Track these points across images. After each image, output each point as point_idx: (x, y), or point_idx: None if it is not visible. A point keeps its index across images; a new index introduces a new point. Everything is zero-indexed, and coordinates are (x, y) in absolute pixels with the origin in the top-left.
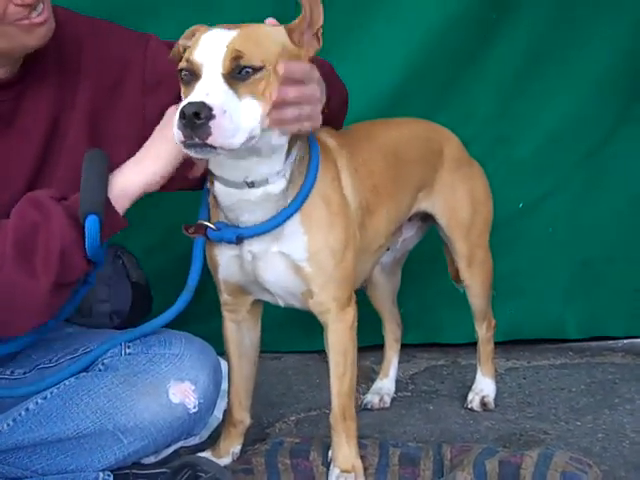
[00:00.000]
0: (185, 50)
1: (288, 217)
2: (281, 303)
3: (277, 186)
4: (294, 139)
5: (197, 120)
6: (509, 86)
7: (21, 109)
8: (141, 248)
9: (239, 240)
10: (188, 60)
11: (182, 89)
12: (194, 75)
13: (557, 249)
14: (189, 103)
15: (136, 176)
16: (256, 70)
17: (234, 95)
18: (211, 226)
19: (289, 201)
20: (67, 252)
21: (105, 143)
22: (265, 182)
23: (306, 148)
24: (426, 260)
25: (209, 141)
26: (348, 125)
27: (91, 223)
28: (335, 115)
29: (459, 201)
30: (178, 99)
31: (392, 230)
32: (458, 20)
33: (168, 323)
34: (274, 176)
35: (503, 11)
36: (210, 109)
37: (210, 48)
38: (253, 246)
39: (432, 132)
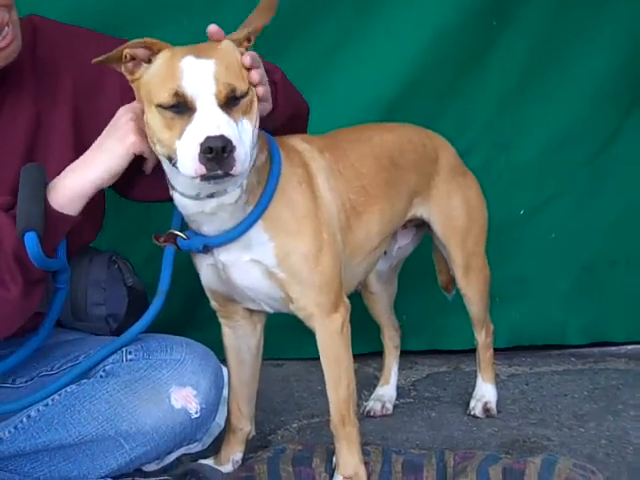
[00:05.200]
0: (128, 57)
1: (250, 225)
2: (267, 309)
3: (231, 196)
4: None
5: (224, 154)
6: (510, 92)
7: (2, 112)
8: (141, 257)
9: (206, 249)
10: (177, 93)
11: (162, 118)
12: (184, 107)
13: (559, 255)
14: (211, 137)
15: (87, 175)
16: (244, 96)
17: (234, 122)
18: (181, 235)
19: (249, 209)
20: (21, 255)
21: (87, 142)
22: (222, 192)
23: (267, 156)
24: (427, 267)
25: (232, 172)
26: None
27: (29, 240)
28: (289, 119)
29: (455, 209)
30: None
31: (387, 232)
32: (458, 27)
33: (148, 328)
34: (230, 186)
35: (503, 18)
36: (230, 141)
37: (198, 80)
38: (222, 255)
39: (427, 139)
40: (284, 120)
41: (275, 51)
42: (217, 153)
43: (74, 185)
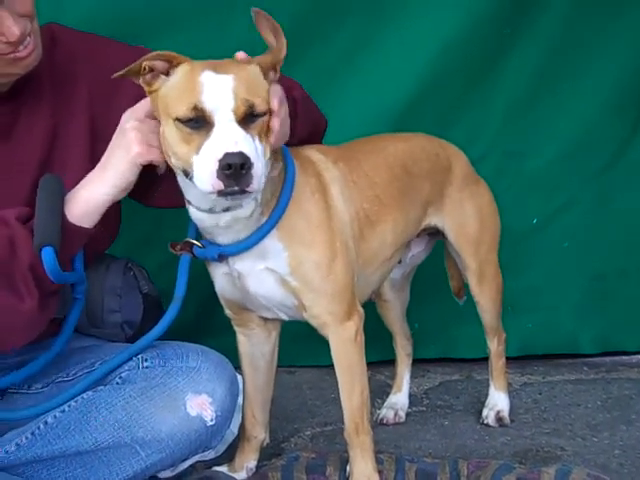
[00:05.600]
0: (147, 69)
1: (264, 235)
2: (283, 316)
3: (246, 210)
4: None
5: (242, 170)
6: (521, 101)
7: (19, 122)
8: (155, 264)
9: (221, 258)
10: (195, 107)
11: (179, 132)
12: (202, 121)
13: (571, 264)
14: (230, 154)
15: (101, 188)
16: (262, 115)
17: (251, 139)
18: (197, 244)
19: (264, 220)
20: (37, 269)
21: (103, 151)
22: (237, 206)
23: (281, 167)
24: (438, 275)
25: (249, 188)
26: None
27: (46, 255)
28: (307, 132)
29: (468, 218)
30: None
31: (401, 242)
32: (470, 36)
33: (163, 335)
34: (246, 201)
35: (516, 27)
36: (249, 158)
37: (217, 95)
38: (238, 264)
39: (440, 148)
40: (303, 136)
41: (287, 62)
42: (235, 170)
43: (90, 198)
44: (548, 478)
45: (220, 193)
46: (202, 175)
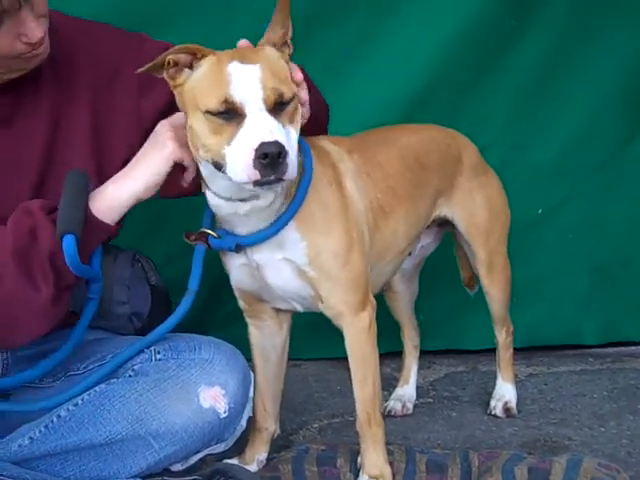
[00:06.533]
0: (171, 63)
1: (283, 225)
2: (298, 307)
3: (266, 200)
4: None
5: (279, 159)
6: (527, 92)
7: (21, 111)
8: (162, 255)
9: (238, 248)
10: (226, 100)
11: (209, 124)
12: (233, 113)
13: (576, 255)
14: (266, 143)
15: (129, 185)
16: (290, 101)
17: (283, 127)
18: (212, 234)
19: (283, 209)
20: (56, 258)
21: (107, 140)
22: (255, 197)
23: (300, 157)
24: (445, 267)
25: (285, 176)
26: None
27: (67, 243)
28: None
29: (478, 208)
30: (171, 101)
31: (414, 234)
32: (476, 27)
33: (174, 327)
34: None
35: (522, 18)
36: (284, 147)
37: (246, 86)
38: (256, 255)
39: (451, 139)
40: (309, 120)
41: (294, 53)
42: (272, 159)
43: (115, 195)
44: (560, 468)
45: (257, 183)
46: (237, 165)
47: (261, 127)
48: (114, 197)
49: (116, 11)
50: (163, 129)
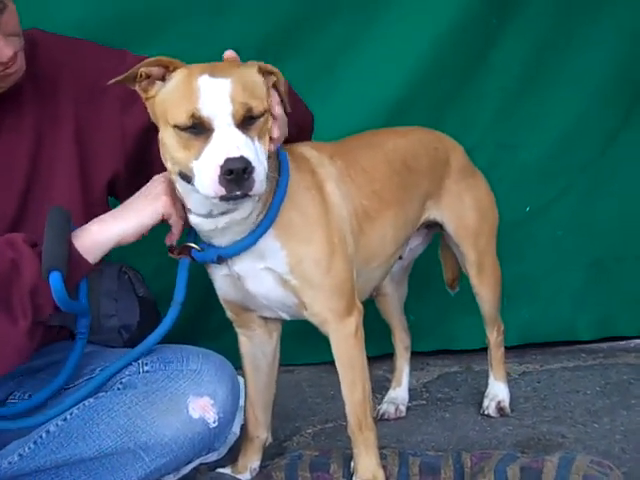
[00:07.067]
0: (143, 75)
1: (261, 235)
2: (284, 316)
3: (243, 211)
4: None
5: (244, 175)
6: (512, 92)
7: (3, 127)
8: (151, 267)
9: (220, 260)
10: (194, 115)
11: (178, 138)
12: (201, 127)
13: (566, 252)
14: (231, 159)
15: (113, 227)
16: (261, 116)
17: (251, 142)
18: (195, 247)
19: (260, 218)
20: (37, 293)
21: (91, 154)
22: (233, 209)
23: (274, 165)
24: (435, 268)
25: (252, 192)
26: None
27: (54, 279)
28: (295, 127)
29: (467, 210)
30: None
31: (402, 238)
32: (459, 28)
33: (163, 338)
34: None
35: (503, 16)
36: (250, 162)
37: (214, 101)
38: (237, 265)
39: (438, 142)
40: (291, 131)
41: (278, 58)
42: (237, 175)
43: (98, 234)
44: (552, 466)
45: (223, 198)
46: (204, 181)
47: (227, 143)
48: (98, 236)
49: (100, 22)
50: (159, 180)
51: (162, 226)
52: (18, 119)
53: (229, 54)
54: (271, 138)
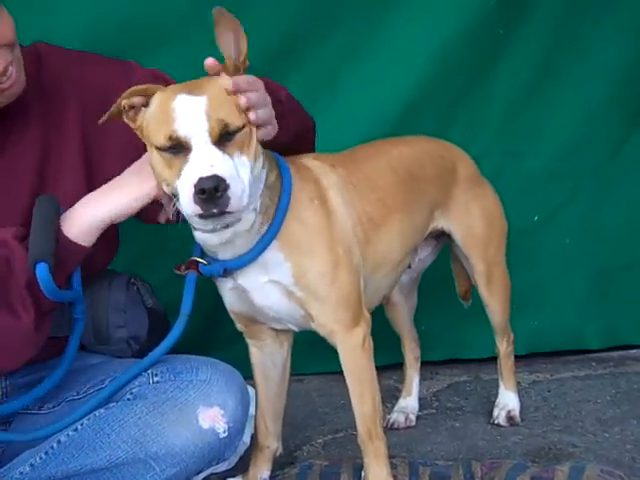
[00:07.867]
0: (127, 107)
1: (265, 247)
2: (293, 328)
3: (246, 223)
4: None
5: (217, 193)
6: (518, 100)
7: (10, 140)
8: (159, 279)
9: (226, 273)
10: (171, 137)
11: (162, 159)
12: (180, 147)
13: (574, 260)
14: (203, 178)
15: (101, 208)
16: (239, 130)
17: (229, 158)
18: (202, 261)
19: (264, 229)
20: (33, 284)
21: (97, 168)
22: (235, 222)
23: (276, 174)
24: (445, 278)
25: (228, 209)
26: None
27: (40, 271)
28: (296, 136)
29: (475, 219)
30: None
31: (410, 245)
32: (465, 37)
33: (171, 349)
34: (236, 218)
35: (509, 26)
36: (224, 180)
37: (190, 120)
38: (241, 278)
39: (445, 151)
40: (291, 137)
41: (282, 69)
42: (210, 194)
43: (88, 216)
44: (562, 476)
45: (201, 216)
46: (183, 199)
47: (200, 162)
48: (87, 218)
49: (108, 34)
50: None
51: (172, 239)
52: (24, 133)
53: (210, 61)
54: (258, 127)
